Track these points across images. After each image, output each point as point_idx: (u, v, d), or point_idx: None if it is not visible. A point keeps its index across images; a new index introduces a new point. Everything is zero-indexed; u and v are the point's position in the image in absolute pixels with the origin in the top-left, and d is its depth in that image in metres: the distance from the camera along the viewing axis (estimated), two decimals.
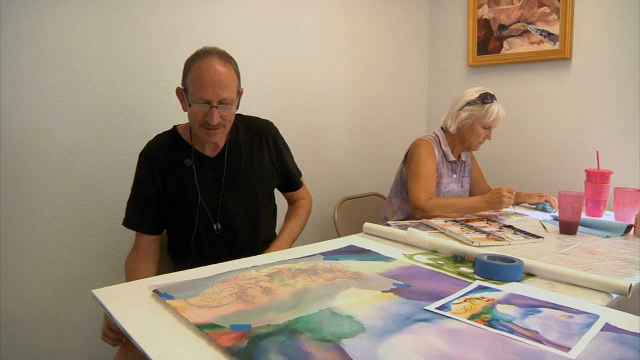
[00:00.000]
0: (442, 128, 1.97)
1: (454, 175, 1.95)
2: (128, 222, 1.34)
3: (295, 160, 1.59)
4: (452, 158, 1.92)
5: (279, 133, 1.51)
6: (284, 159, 1.50)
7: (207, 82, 1.21)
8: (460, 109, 1.87)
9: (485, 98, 1.83)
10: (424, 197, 1.74)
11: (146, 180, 1.34)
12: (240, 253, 1.22)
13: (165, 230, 1.42)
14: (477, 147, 1.92)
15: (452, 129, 1.90)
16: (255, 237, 1.42)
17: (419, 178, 1.80)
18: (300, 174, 1.59)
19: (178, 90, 1.32)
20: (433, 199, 1.75)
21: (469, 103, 1.85)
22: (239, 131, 1.42)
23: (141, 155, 1.37)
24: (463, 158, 2.01)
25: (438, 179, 1.88)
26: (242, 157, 1.40)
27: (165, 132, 1.41)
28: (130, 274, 1.28)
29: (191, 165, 1.34)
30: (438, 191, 1.87)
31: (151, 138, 1.39)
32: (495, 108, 1.83)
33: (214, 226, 1.36)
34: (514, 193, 1.69)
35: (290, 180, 1.55)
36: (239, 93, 1.32)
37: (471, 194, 2.07)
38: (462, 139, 1.91)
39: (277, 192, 1.56)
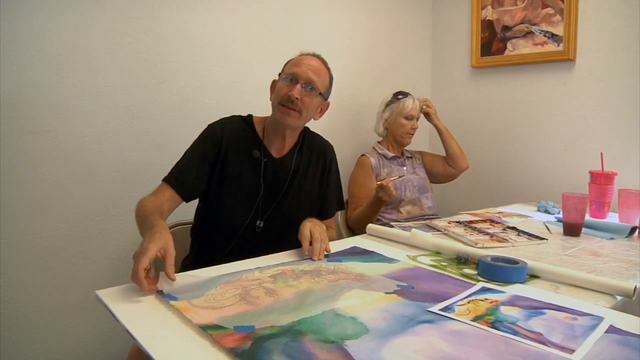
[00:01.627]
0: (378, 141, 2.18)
1: (404, 168, 2.08)
2: (165, 177, 1.30)
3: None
4: (391, 155, 2.10)
5: (335, 157, 1.54)
6: (331, 181, 1.50)
7: (303, 63, 1.33)
8: (383, 111, 2.12)
9: (399, 94, 2.09)
10: (350, 217, 1.96)
11: (210, 146, 1.33)
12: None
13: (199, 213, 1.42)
14: (407, 138, 2.09)
15: (380, 131, 2.14)
16: (289, 245, 1.37)
17: (349, 198, 2.03)
18: (340, 207, 1.56)
19: (273, 83, 1.41)
20: (351, 216, 1.95)
21: (387, 104, 2.10)
22: (304, 143, 1.45)
23: (212, 125, 1.38)
24: (407, 155, 2.18)
25: (387, 175, 2.02)
26: (300, 166, 1.42)
27: (240, 116, 1.43)
28: (143, 206, 1.20)
29: (258, 157, 1.36)
30: (394, 183, 1.91)
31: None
32: (410, 100, 2.06)
33: (257, 222, 1.37)
34: (385, 183, 1.68)
35: (325, 205, 1.50)
36: (324, 102, 1.40)
37: (436, 175, 2.20)
38: (392, 135, 2.10)
39: None
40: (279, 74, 1.38)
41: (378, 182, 1.71)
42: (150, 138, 1.70)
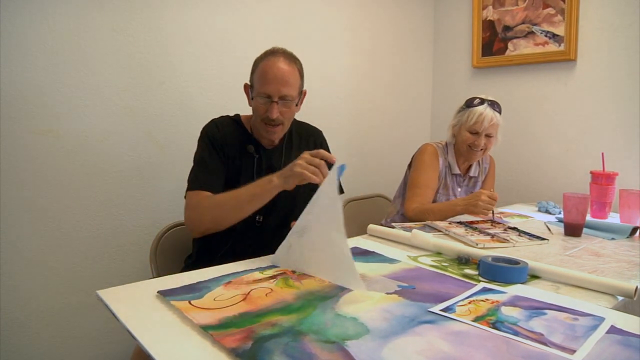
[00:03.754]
0: None
1: (459, 189, 1.90)
2: (193, 185, 1.30)
3: None
4: (456, 171, 1.88)
5: (326, 141, 1.55)
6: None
7: (271, 78, 1.28)
8: (454, 117, 1.86)
9: (473, 100, 1.77)
10: (413, 206, 1.73)
11: (217, 145, 1.35)
12: (271, 250, 1.18)
13: None
14: (470, 155, 1.82)
15: (449, 138, 1.89)
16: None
17: (415, 187, 1.79)
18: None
19: (245, 86, 1.38)
20: (418, 207, 1.71)
21: (458, 110, 1.84)
22: (292, 132, 1.47)
23: (208, 126, 1.39)
24: (473, 174, 1.95)
25: (440, 188, 1.86)
26: (291, 155, 1.42)
27: (228, 116, 1.45)
28: (215, 196, 1.25)
29: (253, 152, 1.38)
30: (440, 202, 1.83)
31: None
32: (479, 110, 1.72)
33: (257, 217, 1.37)
34: (494, 200, 1.55)
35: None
36: (301, 93, 1.38)
37: None
38: (458, 146, 1.86)
39: None
40: (250, 79, 1.35)
41: (489, 193, 1.52)
42: (151, 138, 1.70)
